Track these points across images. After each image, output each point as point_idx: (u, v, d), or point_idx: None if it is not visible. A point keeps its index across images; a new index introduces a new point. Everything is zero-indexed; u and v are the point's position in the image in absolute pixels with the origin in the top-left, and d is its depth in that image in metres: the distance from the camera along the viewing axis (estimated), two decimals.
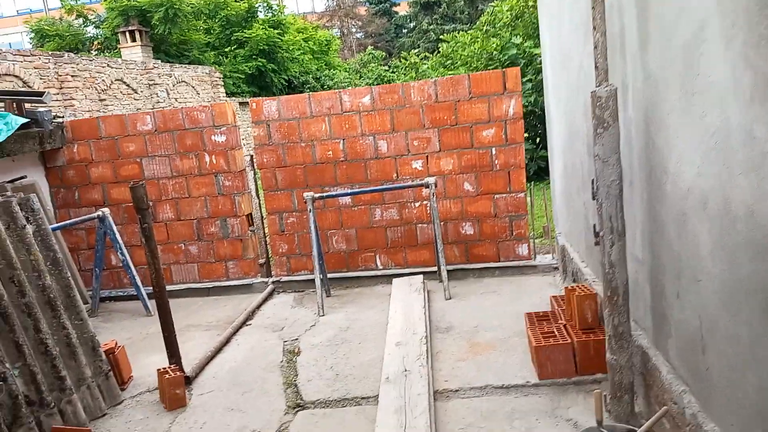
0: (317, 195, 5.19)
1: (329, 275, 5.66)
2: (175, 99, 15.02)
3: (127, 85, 13.47)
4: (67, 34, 20.49)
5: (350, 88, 5.87)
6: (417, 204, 5.62)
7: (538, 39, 10.89)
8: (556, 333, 3.54)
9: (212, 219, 5.95)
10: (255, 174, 5.93)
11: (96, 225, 5.49)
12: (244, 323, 5.06)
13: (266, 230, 6.07)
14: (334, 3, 46.97)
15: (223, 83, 17.74)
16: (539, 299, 4.77)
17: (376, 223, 5.71)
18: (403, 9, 47.88)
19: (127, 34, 18.34)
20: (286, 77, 23.16)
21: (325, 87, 25.01)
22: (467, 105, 5.39)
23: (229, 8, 21.66)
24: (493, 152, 5.41)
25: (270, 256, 6.16)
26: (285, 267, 5.94)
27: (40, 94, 5.07)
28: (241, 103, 18.67)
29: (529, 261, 5.52)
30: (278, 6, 24.02)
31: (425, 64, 14.05)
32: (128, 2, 18.33)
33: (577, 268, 4.42)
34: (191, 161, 5.84)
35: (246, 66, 20.72)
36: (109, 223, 5.42)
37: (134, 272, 5.55)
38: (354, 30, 48.13)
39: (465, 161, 5.47)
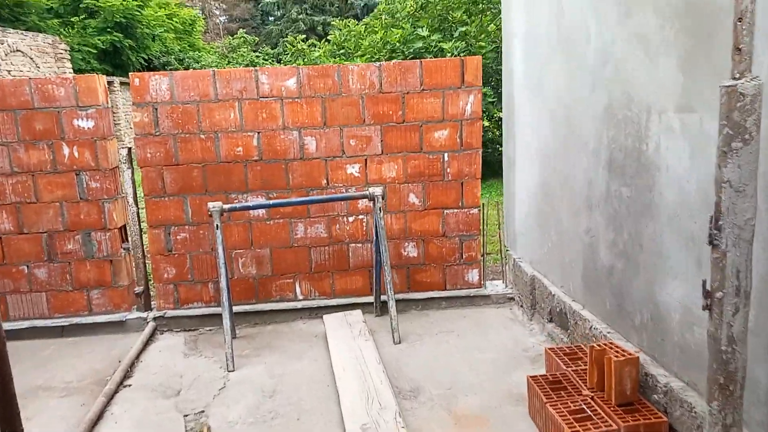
0: (227, 206, 3.89)
1: (233, 308, 4.37)
2: (8, 72, 12.35)
3: None
4: None
5: (270, 66, 4.57)
6: (351, 219, 4.51)
7: (447, 32, 10.21)
8: (588, 412, 2.64)
9: (71, 233, 4.38)
10: (133, 173, 4.46)
11: None
12: (121, 383, 3.64)
13: (146, 249, 4.62)
14: None
15: (70, 57, 15.12)
16: (510, 341, 3.89)
17: (297, 242, 4.52)
18: None
19: None
20: (145, 56, 20.59)
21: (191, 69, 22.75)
22: (417, 99, 4.37)
23: None
24: (446, 158, 4.46)
25: (151, 282, 4.71)
26: (171, 297, 4.54)
27: None
28: (109, 83, 16.15)
29: (480, 290, 4.64)
30: None
31: (316, 51, 12.87)
32: None
33: (566, 308, 3.59)
34: (42, 153, 4.24)
35: (99, 39, 17.99)
36: None
37: None
38: (218, 13, 45.25)
39: (412, 168, 4.46)
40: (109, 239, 4.42)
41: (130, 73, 4.24)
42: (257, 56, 25.21)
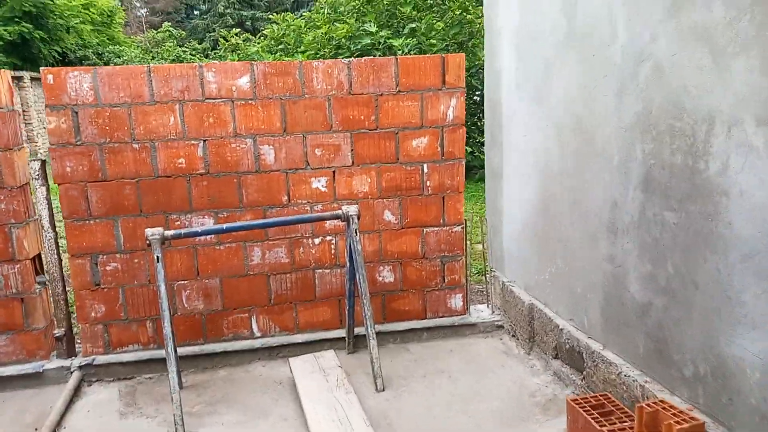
0: (170, 232, 3.16)
1: (177, 350, 3.64)
2: None
3: None
4: None
5: (217, 62, 3.87)
6: (317, 240, 3.87)
7: (395, 28, 9.66)
8: None
9: None
10: (49, 192, 3.63)
11: None
12: None
13: (68, 282, 3.80)
14: None
15: None
16: (512, 384, 3.38)
17: (253, 269, 3.83)
18: None
19: None
20: (59, 49, 18.89)
21: (111, 65, 21.11)
22: (393, 102, 3.78)
23: None
24: (425, 170, 3.89)
25: (74, 323, 3.90)
26: (101, 340, 3.75)
27: None
28: (17, 79, 14.42)
29: (464, 317, 4.11)
30: None
31: (252, 46, 11.98)
32: None
33: (579, 346, 3.11)
34: None
35: (5, 30, 16.27)
36: None
37: None
38: (139, 5, 42.95)
39: (387, 181, 3.86)
40: (19, 272, 3.58)
41: (41, 69, 3.42)
42: (184, 51, 23.83)
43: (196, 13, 43.80)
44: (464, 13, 9.71)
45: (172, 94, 3.54)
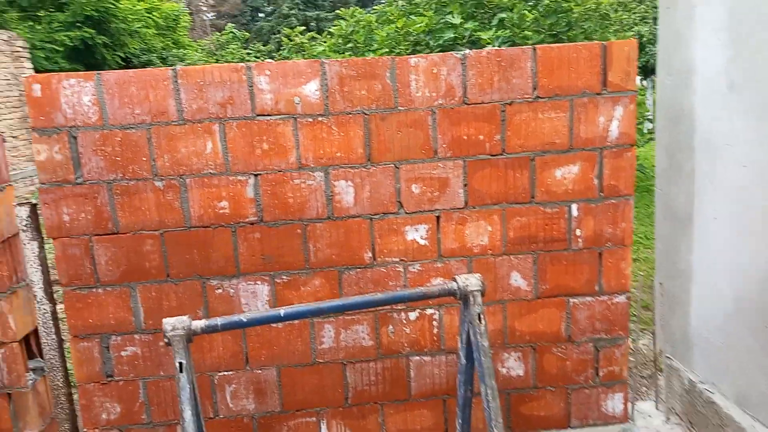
0: (200, 323, 2.03)
1: None
2: None
3: None
4: None
5: (272, 61, 2.90)
6: (413, 315, 2.68)
7: (481, 20, 8.39)
8: None
9: None
10: (42, 248, 2.60)
11: None
12: None
13: (69, 372, 2.77)
14: None
15: (30, 55, 13.12)
16: None
17: (323, 355, 2.68)
18: None
19: None
20: (122, 54, 18.55)
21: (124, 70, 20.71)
22: (528, 113, 2.56)
23: None
24: (573, 212, 2.64)
25: (79, 428, 2.86)
26: None
27: None
28: None
29: (627, 426, 2.83)
30: None
31: (318, 46, 10.99)
32: None
33: None
34: None
35: (66, 36, 15.93)
36: None
37: None
38: (205, 9, 43.31)
39: (516, 229, 2.64)
40: (4, 359, 2.57)
41: (24, 77, 2.37)
42: (248, 53, 23.23)
43: (261, 15, 43.80)
44: (559, 1, 8.33)
45: (208, 109, 2.43)
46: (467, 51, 2.55)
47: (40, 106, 2.35)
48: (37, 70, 13.77)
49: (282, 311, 2.10)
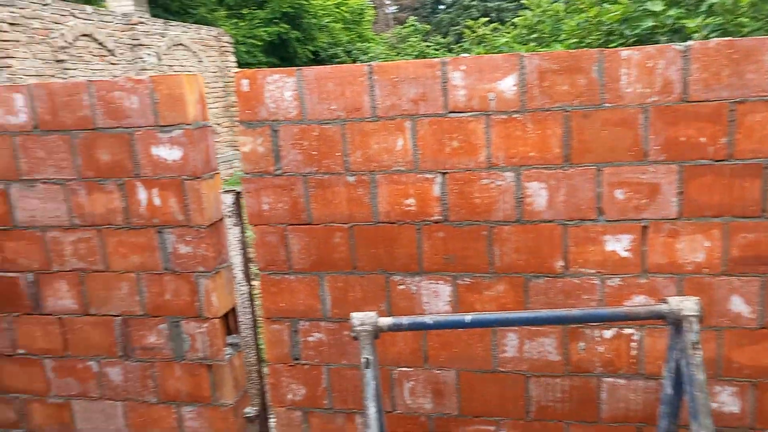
0: (386, 321, 2.02)
1: None
2: (169, 66, 11.83)
3: (100, 44, 10.19)
4: None
5: (468, 56, 2.85)
6: (608, 333, 2.45)
7: (685, 5, 7.59)
8: None
9: (152, 319, 2.84)
10: (244, 233, 2.79)
11: None
12: None
13: (261, 349, 2.95)
14: None
15: (234, 50, 14.53)
16: None
17: (504, 364, 2.55)
18: None
19: None
20: (312, 48, 19.81)
21: (358, 62, 21.66)
22: (763, 113, 2.18)
23: None
24: None
25: (268, 403, 3.03)
26: (298, 431, 2.82)
27: None
28: None
29: None
30: None
31: (501, 38, 10.74)
32: None
33: None
34: (110, 198, 2.72)
35: (264, 31, 17.40)
36: None
37: None
38: (387, 2, 44.67)
39: (740, 246, 2.27)
40: (206, 333, 2.81)
41: (235, 72, 2.53)
42: (427, 45, 23.51)
43: (441, 7, 44.15)
44: None
45: (401, 106, 2.40)
46: (690, 42, 2.23)
47: (248, 100, 2.49)
48: (239, 64, 15.19)
49: (468, 317, 2.00)
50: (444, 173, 2.44)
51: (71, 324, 2.93)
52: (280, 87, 2.44)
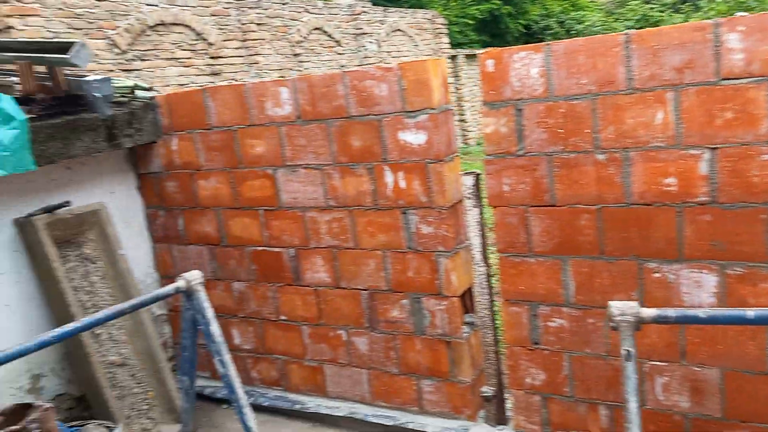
0: (650, 313, 1.87)
1: None
2: (388, 53, 12.34)
3: (329, 36, 10.97)
4: None
5: (747, 15, 2.54)
6: None
7: None
8: None
9: (395, 294, 3.01)
10: (482, 214, 2.80)
11: (181, 303, 2.88)
12: None
13: (499, 330, 2.95)
14: None
15: (447, 31, 14.66)
16: None
17: None
18: None
19: None
20: (523, 22, 19.23)
21: (572, 33, 20.51)
22: None
23: None
24: None
25: (504, 386, 3.04)
26: (537, 416, 2.78)
27: (66, 47, 2.52)
28: (469, 56, 15.16)
29: None
30: None
31: None
32: None
33: None
34: (360, 181, 2.92)
35: (476, 9, 17.29)
36: (198, 303, 2.76)
37: (243, 404, 2.82)
38: None
39: None
40: (445, 310, 2.89)
41: (479, 53, 2.52)
42: (651, 8, 21.38)
43: None
44: None
45: (662, 76, 2.19)
46: None
47: (492, 81, 2.47)
48: (451, 44, 15.33)
49: (751, 313, 1.78)
50: (713, 149, 2.18)
51: (325, 295, 3.23)
52: (527, 64, 2.37)
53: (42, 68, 2.78)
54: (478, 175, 2.75)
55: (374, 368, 3.18)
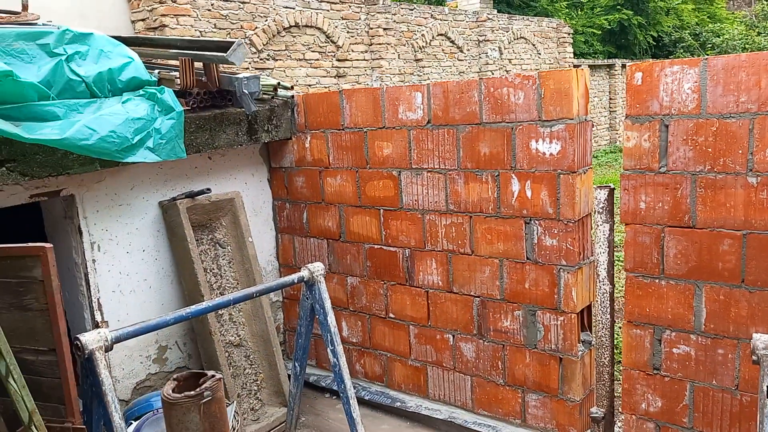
0: None
1: None
2: (509, 60, 12.13)
3: (452, 42, 10.92)
4: None
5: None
6: None
7: None
8: None
9: (509, 305, 2.97)
10: (612, 231, 2.70)
11: (301, 291, 3.02)
12: None
13: (616, 351, 2.84)
14: None
15: (572, 40, 14.20)
16: None
17: None
18: None
19: None
20: (654, 33, 18.24)
21: (707, 48, 19.21)
22: None
23: None
24: None
25: (616, 409, 2.91)
26: None
27: (225, 47, 2.71)
28: (592, 67, 14.68)
29: None
30: None
31: None
32: None
33: None
34: (484, 187, 2.91)
35: (604, 19, 16.61)
36: (318, 293, 2.88)
37: (350, 395, 2.90)
38: None
39: None
40: (561, 326, 2.82)
41: (628, 65, 2.44)
42: None
43: None
44: None
45: None
46: None
47: (638, 94, 2.38)
48: (575, 54, 14.87)
49: None
50: None
51: (435, 298, 3.25)
52: (679, 79, 2.27)
53: (199, 64, 3.01)
54: (613, 189, 2.65)
55: (479, 376, 3.16)
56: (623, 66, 16.01)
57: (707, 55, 19.71)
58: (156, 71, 2.99)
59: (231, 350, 3.49)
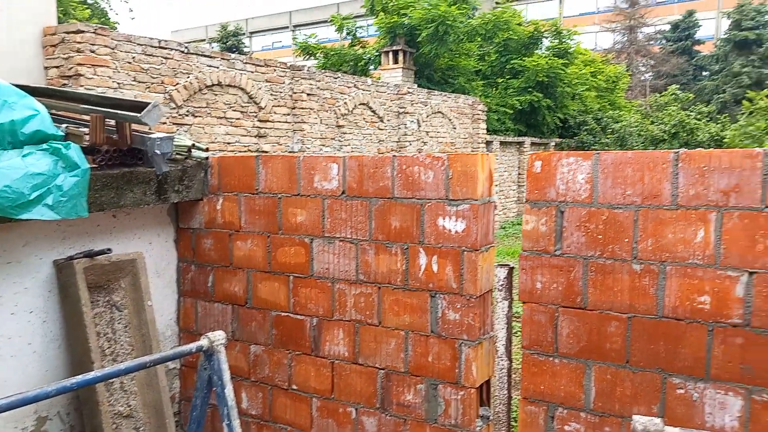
0: (676, 431, 1.83)
1: None
2: (426, 132, 12.68)
3: (373, 111, 11.35)
4: (332, 53, 19.57)
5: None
6: None
7: None
8: None
9: (412, 378, 2.98)
10: (511, 308, 2.80)
11: (200, 361, 2.89)
12: None
13: (513, 427, 2.90)
14: (625, 38, 42.04)
15: (485, 117, 15.06)
16: None
17: None
18: (706, 48, 41.19)
19: (390, 54, 16.73)
20: (561, 115, 19.66)
21: (607, 131, 20.84)
22: None
23: (510, 31, 18.87)
24: None
25: None
26: None
27: (140, 106, 2.67)
28: (504, 143, 15.60)
29: None
30: (568, 32, 20.54)
31: None
32: (398, 19, 16.69)
33: None
34: (393, 260, 2.96)
35: (516, 100, 17.79)
36: (217, 364, 2.77)
37: None
38: (643, 68, 42.53)
39: None
40: (461, 400, 2.85)
41: (529, 154, 2.61)
42: (687, 115, 21.70)
43: (705, 74, 40.68)
44: None
45: (707, 196, 2.23)
46: None
47: (537, 181, 2.54)
48: (488, 130, 15.71)
49: None
50: (751, 273, 2.18)
51: (341, 369, 3.21)
52: (574, 170, 2.45)
53: (111, 121, 2.94)
54: (512, 268, 2.77)
55: None
56: (532, 144, 17.06)
57: (607, 138, 21.43)
58: (64, 125, 2.88)
59: (120, 422, 3.26)
